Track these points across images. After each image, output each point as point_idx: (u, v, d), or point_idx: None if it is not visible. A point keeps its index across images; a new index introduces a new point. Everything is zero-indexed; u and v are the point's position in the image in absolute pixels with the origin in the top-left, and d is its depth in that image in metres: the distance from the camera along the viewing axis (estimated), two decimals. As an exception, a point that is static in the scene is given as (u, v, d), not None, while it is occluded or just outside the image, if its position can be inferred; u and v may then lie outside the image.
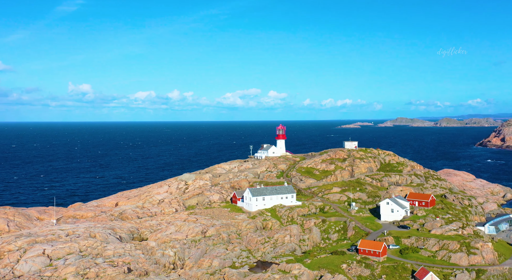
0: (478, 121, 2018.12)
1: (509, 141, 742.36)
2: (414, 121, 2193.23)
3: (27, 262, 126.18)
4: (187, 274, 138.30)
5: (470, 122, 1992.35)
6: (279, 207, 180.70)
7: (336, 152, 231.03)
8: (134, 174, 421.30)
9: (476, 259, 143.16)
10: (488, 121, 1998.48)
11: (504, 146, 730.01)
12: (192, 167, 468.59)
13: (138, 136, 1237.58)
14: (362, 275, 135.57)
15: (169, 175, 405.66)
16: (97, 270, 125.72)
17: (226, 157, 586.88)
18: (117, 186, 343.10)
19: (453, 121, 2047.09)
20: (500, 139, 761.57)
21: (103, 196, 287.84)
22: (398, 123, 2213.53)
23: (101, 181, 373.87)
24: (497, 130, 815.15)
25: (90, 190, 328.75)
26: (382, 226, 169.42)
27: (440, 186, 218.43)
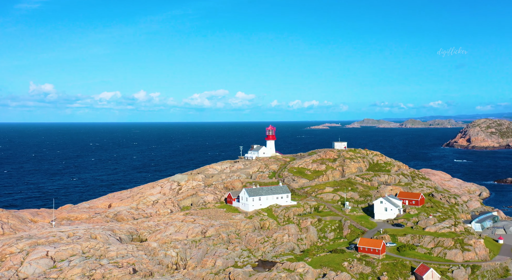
0: (441, 122, 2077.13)
1: (475, 141, 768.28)
2: (380, 122, 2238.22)
3: (31, 264, 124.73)
4: (191, 274, 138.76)
5: (434, 123, 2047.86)
6: (275, 207, 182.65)
7: (326, 152, 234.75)
8: (113, 176, 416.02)
9: (470, 255, 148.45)
10: (450, 122, 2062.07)
11: (470, 146, 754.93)
12: (169, 169, 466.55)
13: (107, 138, 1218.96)
14: (364, 272, 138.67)
15: (148, 177, 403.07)
16: (103, 271, 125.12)
17: (202, 158, 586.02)
18: (98, 188, 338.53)
19: (417, 122, 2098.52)
20: (466, 140, 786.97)
21: (85, 199, 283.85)
22: (365, 124, 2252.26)
23: (79, 183, 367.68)
24: (463, 131, 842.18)
25: (69, 192, 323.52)
26: (377, 224, 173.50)
27: (426, 185, 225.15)
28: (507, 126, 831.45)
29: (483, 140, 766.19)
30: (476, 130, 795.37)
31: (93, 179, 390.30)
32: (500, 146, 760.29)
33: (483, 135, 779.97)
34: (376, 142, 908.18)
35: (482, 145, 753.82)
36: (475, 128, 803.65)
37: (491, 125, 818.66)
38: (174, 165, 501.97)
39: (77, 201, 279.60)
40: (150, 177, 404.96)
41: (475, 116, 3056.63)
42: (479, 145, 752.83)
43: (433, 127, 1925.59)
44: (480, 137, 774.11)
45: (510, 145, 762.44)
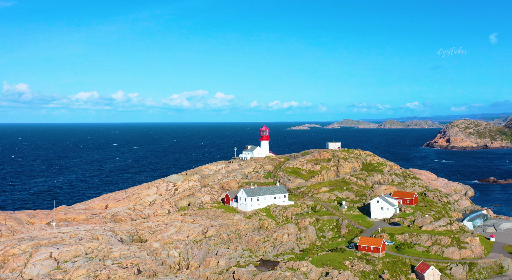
0: (418, 123, 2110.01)
1: (454, 142, 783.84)
2: (360, 123, 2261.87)
3: (35, 265, 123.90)
4: (195, 274, 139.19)
5: (412, 124, 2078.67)
6: (273, 206, 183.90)
7: (321, 152, 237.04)
8: (99, 177, 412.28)
9: (467, 253, 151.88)
10: (427, 123, 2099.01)
11: (450, 146, 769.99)
12: (155, 170, 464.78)
13: (86, 138, 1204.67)
14: (365, 270, 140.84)
15: (135, 178, 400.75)
16: (108, 272, 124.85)
17: (186, 159, 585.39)
18: (86, 190, 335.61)
19: (396, 123, 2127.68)
20: (445, 140, 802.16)
21: (74, 200, 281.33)
22: (344, 125, 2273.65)
23: (65, 185, 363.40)
24: (442, 132, 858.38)
25: (56, 194, 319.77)
26: (374, 223, 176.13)
27: (418, 184, 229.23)
28: (484, 127, 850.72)
29: (462, 141, 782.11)
30: (455, 130, 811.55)
31: (79, 181, 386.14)
32: (478, 146, 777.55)
33: (462, 135, 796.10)
34: (358, 142, 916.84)
35: (461, 145, 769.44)
36: (454, 128, 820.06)
37: (469, 126, 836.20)
38: (160, 166, 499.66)
39: (65, 202, 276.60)
40: (137, 178, 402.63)
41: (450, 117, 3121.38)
42: (458, 145, 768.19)
43: (411, 128, 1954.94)
44: (459, 137, 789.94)
45: (488, 145, 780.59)
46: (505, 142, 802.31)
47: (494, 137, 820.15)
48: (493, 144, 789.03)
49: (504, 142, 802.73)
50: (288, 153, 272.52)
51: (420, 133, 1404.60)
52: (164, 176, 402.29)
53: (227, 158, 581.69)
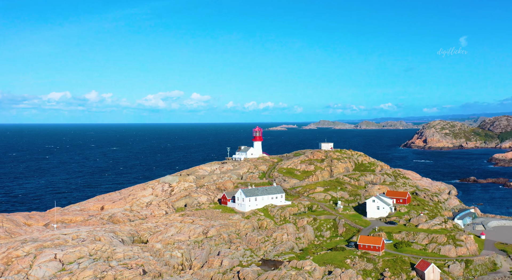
0: (393, 124, 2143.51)
1: (431, 142, 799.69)
2: (336, 124, 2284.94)
3: (40, 267, 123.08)
4: (199, 274, 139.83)
5: (387, 125, 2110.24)
6: (270, 207, 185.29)
7: (314, 153, 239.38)
8: (82, 178, 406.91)
9: (462, 250, 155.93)
10: (402, 124, 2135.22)
11: (427, 147, 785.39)
12: (138, 171, 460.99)
13: (62, 139, 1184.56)
14: (366, 269, 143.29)
15: (119, 179, 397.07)
16: (114, 273, 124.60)
17: (169, 160, 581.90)
18: (72, 192, 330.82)
19: (371, 124, 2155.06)
20: (422, 141, 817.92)
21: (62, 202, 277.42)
22: (321, 126, 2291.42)
23: (49, 187, 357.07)
24: (419, 132, 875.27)
25: (41, 196, 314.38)
26: (370, 223, 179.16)
27: (408, 184, 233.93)
28: (459, 128, 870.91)
29: (439, 141, 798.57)
30: (431, 131, 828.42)
31: (62, 182, 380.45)
32: (454, 146, 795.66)
33: (438, 136, 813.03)
34: (336, 143, 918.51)
35: (437, 145, 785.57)
36: (431, 129, 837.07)
37: (445, 127, 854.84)
38: (142, 168, 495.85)
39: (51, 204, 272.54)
40: (121, 179, 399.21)
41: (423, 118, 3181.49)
42: (435, 146, 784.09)
43: (386, 129, 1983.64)
44: (436, 138, 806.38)
45: (463, 146, 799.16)
46: (479, 143, 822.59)
47: (469, 137, 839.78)
48: (468, 144, 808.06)
49: (478, 142, 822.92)
50: (270, 154, 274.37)
51: (396, 134, 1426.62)
52: (148, 178, 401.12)
53: (209, 159, 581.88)
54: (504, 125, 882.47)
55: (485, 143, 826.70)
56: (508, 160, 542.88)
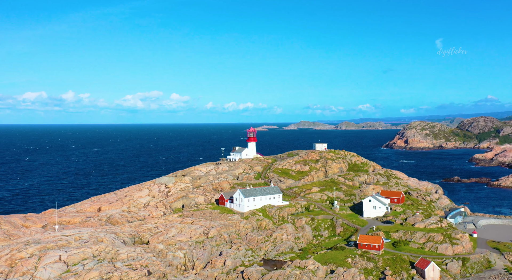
0: (372, 124, 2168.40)
1: (412, 143, 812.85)
2: (316, 124, 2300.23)
3: (46, 268, 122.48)
4: (203, 274, 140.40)
5: (366, 126, 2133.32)
6: (268, 207, 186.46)
7: (308, 153, 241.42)
8: (68, 180, 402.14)
9: (459, 249, 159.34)
10: (381, 125, 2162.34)
11: (408, 147, 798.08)
12: (126, 172, 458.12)
13: (41, 140, 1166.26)
14: (367, 268, 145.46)
15: (106, 181, 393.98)
16: (120, 273, 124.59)
17: (153, 161, 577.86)
18: (58, 194, 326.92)
19: (351, 124, 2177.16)
20: (403, 141, 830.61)
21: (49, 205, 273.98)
22: (301, 126, 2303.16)
23: (32, 188, 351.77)
24: (400, 133, 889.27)
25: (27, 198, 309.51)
26: (367, 222, 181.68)
27: (400, 184, 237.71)
28: (438, 128, 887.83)
29: (419, 141, 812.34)
30: (412, 132, 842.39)
31: (47, 184, 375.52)
32: (434, 147, 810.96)
33: (419, 136, 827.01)
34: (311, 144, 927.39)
35: (418, 146, 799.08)
36: (412, 130, 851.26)
37: (425, 127, 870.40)
38: (129, 169, 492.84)
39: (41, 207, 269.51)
40: (108, 181, 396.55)
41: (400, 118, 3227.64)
42: (416, 146, 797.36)
43: (366, 129, 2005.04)
44: (417, 138, 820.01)
45: (443, 146, 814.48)
46: (458, 143, 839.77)
47: (448, 138, 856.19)
48: (448, 144, 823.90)
49: (457, 143, 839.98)
50: (282, 153, 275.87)
51: (376, 134, 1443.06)
52: (135, 179, 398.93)
53: (194, 159, 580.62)
54: (481, 126, 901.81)
55: (464, 144, 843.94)
56: (488, 160, 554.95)
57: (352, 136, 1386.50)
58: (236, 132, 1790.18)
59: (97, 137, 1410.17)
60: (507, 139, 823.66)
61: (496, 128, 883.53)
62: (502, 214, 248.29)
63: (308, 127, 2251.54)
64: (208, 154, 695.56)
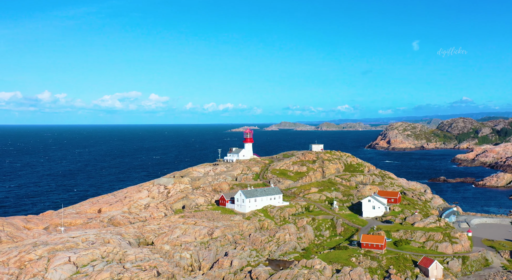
0: (352, 125, 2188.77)
1: (394, 143, 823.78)
2: (297, 125, 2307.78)
3: (56, 270, 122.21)
4: (210, 274, 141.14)
5: (347, 126, 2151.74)
6: (269, 207, 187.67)
7: (305, 154, 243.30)
8: (54, 182, 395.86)
9: (458, 247, 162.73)
10: (360, 125, 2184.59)
11: (390, 148, 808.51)
12: (113, 173, 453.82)
13: (18, 141, 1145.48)
14: (372, 266, 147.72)
15: (94, 182, 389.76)
16: (130, 274, 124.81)
17: (137, 162, 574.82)
18: (48, 196, 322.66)
19: (332, 125, 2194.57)
20: (386, 142, 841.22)
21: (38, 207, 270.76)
22: (282, 127, 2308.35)
23: (19, 191, 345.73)
24: (383, 134, 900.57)
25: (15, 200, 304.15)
26: (367, 222, 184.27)
27: (395, 184, 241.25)
28: (419, 129, 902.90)
29: (401, 142, 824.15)
30: (394, 132, 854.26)
31: (35, 186, 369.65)
32: (416, 147, 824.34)
33: (401, 137, 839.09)
34: (302, 145, 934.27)
35: (401, 146, 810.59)
36: (394, 131, 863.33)
37: (407, 128, 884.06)
38: (116, 170, 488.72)
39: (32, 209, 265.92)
40: (96, 182, 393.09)
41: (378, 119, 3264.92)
42: (398, 147, 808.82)
43: (346, 130, 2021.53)
44: (399, 139, 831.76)
45: (424, 147, 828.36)
46: (439, 143, 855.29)
47: (429, 138, 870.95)
48: (429, 145, 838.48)
49: (438, 143, 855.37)
50: (277, 154, 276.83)
51: (357, 135, 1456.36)
52: (124, 180, 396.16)
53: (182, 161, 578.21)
54: (461, 127, 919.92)
55: (444, 144, 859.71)
56: (469, 161, 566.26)
57: (334, 137, 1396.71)
58: (218, 132, 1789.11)
59: (77, 138, 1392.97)
60: (486, 140, 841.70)
61: (474, 129, 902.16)
62: (491, 213, 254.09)
63: (289, 128, 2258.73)
64: (193, 155, 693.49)
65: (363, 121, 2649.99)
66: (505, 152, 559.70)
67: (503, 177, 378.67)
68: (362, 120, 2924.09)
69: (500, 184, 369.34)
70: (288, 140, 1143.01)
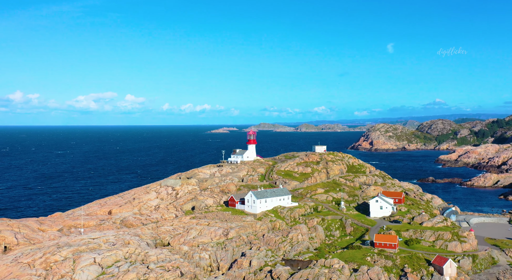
0: (331, 126, 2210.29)
1: (377, 144, 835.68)
2: (276, 126, 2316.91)
3: (83, 271, 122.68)
4: (230, 274, 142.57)
5: (325, 128, 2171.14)
6: (279, 208, 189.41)
7: (309, 155, 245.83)
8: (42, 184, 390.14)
9: (467, 246, 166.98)
10: (339, 127, 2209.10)
11: (373, 149, 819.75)
12: (101, 175, 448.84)
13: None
14: (387, 265, 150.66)
15: (85, 183, 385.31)
16: (156, 275, 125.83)
17: (125, 163, 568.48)
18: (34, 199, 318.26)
19: (311, 126, 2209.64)
20: (369, 143, 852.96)
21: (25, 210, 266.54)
22: (261, 128, 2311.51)
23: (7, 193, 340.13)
24: (365, 135, 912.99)
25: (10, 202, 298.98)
26: (376, 222, 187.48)
27: (396, 184, 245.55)
28: (401, 130, 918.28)
29: (384, 143, 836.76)
30: (377, 134, 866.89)
31: (21, 188, 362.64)
32: (398, 148, 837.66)
33: (383, 138, 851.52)
34: (285, 146, 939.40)
35: (383, 147, 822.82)
36: (376, 132, 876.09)
37: (389, 130, 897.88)
38: (105, 171, 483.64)
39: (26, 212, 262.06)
40: (89, 184, 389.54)
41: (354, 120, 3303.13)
42: (381, 148, 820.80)
43: (325, 131, 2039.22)
44: (381, 140, 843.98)
45: (405, 148, 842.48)
46: (419, 145, 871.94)
47: (410, 139, 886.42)
48: (410, 146, 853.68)
49: (418, 144, 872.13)
50: (277, 155, 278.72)
51: (336, 136, 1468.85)
52: (116, 182, 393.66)
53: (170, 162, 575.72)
54: (440, 128, 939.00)
55: (425, 145, 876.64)
56: (453, 161, 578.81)
57: (314, 138, 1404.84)
58: (197, 134, 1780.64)
59: (54, 139, 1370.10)
60: (464, 141, 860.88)
61: (453, 130, 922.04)
62: (485, 212, 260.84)
63: (268, 129, 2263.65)
64: (180, 156, 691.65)
65: (339, 122, 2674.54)
66: (486, 153, 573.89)
67: (490, 177, 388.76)
68: (339, 122, 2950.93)
69: (487, 184, 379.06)
70: (268, 141, 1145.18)
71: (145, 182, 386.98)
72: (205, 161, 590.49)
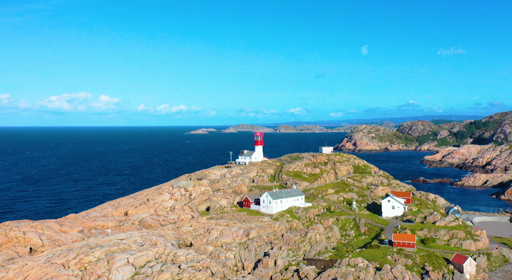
0: (310, 128, 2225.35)
1: (360, 145, 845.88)
2: (255, 127, 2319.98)
3: (119, 271, 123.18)
4: (257, 274, 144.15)
5: (304, 129, 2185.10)
6: (294, 208, 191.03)
7: (316, 156, 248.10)
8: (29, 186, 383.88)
9: (480, 244, 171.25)
10: (317, 128, 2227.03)
11: (357, 150, 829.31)
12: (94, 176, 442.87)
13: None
14: (407, 264, 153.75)
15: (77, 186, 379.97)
16: (188, 275, 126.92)
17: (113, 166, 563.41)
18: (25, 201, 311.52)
19: (290, 127, 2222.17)
20: (352, 144, 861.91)
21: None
22: (240, 129, 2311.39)
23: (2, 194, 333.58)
24: (349, 136, 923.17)
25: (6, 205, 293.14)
26: (389, 221, 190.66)
27: (401, 185, 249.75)
28: (382, 132, 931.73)
29: (367, 144, 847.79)
30: (360, 135, 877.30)
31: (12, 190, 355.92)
32: (381, 149, 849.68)
33: (366, 139, 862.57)
34: (268, 147, 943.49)
35: (366, 148, 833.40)
36: (359, 133, 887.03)
37: (371, 131, 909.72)
38: (95, 173, 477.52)
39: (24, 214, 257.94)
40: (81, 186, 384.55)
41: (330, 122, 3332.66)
42: (364, 149, 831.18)
43: (304, 132, 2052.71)
44: (364, 141, 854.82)
45: (388, 148, 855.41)
46: (401, 145, 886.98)
47: (392, 140, 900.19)
48: (392, 147, 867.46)
49: (400, 145, 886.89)
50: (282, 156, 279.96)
51: (316, 137, 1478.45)
52: (109, 184, 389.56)
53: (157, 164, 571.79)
54: (420, 129, 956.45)
55: (406, 146, 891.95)
56: (438, 162, 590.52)
57: (295, 139, 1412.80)
58: (177, 135, 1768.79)
59: (29, 140, 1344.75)
60: (444, 142, 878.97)
61: (433, 132, 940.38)
62: (481, 211, 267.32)
63: (247, 130, 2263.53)
64: (165, 158, 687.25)
65: (316, 123, 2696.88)
66: (469, 154, 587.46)
67: (479, 177, 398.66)
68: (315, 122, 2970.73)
69: (477, 184, 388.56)
70: (247, 142, 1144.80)
71: (139, 183, 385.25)
72: (193, 162, 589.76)
